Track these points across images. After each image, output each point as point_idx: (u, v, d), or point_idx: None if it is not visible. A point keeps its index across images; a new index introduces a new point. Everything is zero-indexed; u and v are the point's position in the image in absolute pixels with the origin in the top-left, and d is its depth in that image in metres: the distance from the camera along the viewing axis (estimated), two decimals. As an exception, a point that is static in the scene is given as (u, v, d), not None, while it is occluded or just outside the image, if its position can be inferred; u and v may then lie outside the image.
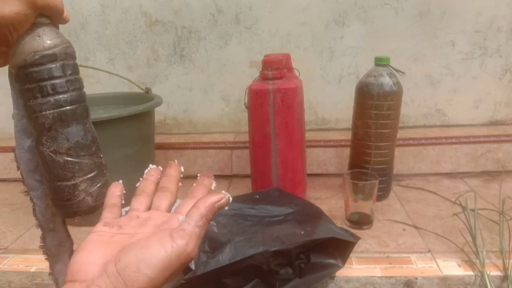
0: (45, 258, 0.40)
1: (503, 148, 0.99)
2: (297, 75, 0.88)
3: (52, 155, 0.36)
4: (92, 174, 0.37)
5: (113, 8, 1.06)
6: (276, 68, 0.77)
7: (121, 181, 0.40)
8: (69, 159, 0.36)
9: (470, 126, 1.10)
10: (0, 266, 0.71)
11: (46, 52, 0.34)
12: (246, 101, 0.79)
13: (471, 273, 0.63)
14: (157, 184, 0.40)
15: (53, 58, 0.35)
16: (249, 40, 1.06)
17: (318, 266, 0.61)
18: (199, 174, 0.40)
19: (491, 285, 0.61)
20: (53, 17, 0.36)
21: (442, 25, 1.02)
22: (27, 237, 0.81)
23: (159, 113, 1.12)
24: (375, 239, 0.74)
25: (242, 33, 1.06)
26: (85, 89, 0.39)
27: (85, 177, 0.37)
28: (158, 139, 1.02)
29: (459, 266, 0.65)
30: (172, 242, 0.31)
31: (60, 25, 0.38)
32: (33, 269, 0.69)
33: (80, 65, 0.40)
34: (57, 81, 0.35)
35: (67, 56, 0.36)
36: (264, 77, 0.78)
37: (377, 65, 0.82)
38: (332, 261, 0.63)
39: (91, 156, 0.37)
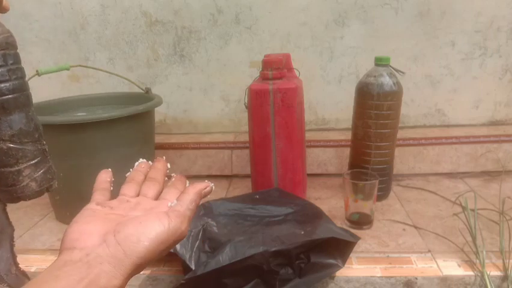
0: None
1: (503, 148, 0.99)
2: (297, 75, 0.88)
3: None
4: (35, 160, 0.39)
5: (113, 8, 1.06)
6: (276, 68, 0.77)
7: (110, 169, 0.41)
8: (12, 145, 0.37)
9: (470, 126, 1.10)
10: (0, 266, 0.71)
11: None
12: (246, 101, 0.79)
13: (471, 273, 0.63)
14: (146, 175, 0.42)
15: None
16: (249, 40, 1.06)
17: (318, 266, 0.61)
18: (173, 174, 0.42)
19: (491, 285, 0.61)
20: None
21: (442, 25, 1.02)
22: (27, 237, 0.81)
23: (159, 113, 1.12)
24: (375, 239, 0.74)
25: (242, 33, 1.06)
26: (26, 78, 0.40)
27: (28, 163, 0.38)
28: (158, 139, 1.02)
29: (459, 266, 0.65)
30: (169, 219, 0.33)
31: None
32: (33, 269, 0.69)
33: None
34: None
35: (8, 46, 0.37)
36: (264, 77, 0.78)
37: (377, 65, 0.82)
38: (332, 261, 0.63)
39: (34, 143, 0.39)
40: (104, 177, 0.40)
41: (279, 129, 0.77)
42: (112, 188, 0.40)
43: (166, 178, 0.42)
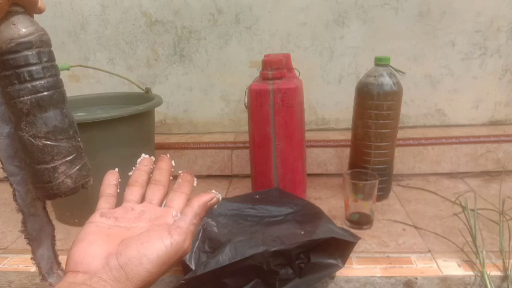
0: (27, 243, 0.41)
1: (503, 148, 0.99)
2: (297, 75, 0.88)
3: (31, 139, 0.37)
4: (70, 157, 0.39)
5: (113, 8, 1.06)
6: (276, 68, 0.77)
7: (116, 169, 0.41)
8: (48, 142, 0.37)
9: (470, 126, 1.10)
10: (0, 266, 0.71)
11: (22, 40, 0.35)
12: (246, 101, 0.79)
13: (471, 273, 0.63)
14: (149, 174, 0.42)
15: (28, 45, 0.36)
16: (249, 40, 1.06)
17: (318, 266, 0.61)
18: (180, 171, 0.41)
19: (491, 285, 0.61)
20: (27, 7, 0.36)
21: (442, 25, 1.02)
22: (27, 237, 0.81)
23: (159, 113, 1.12)
24: (375, 239, 0.74)
25: (242, 33, 1.06)
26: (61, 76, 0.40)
27: (63, 160, 0.38)
28: (158, 139, 1.02)
29: (459, 266, 0.65)
30: (171, 238, 0.33)
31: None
32: (33, 269, 0.69)
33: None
34: (34, 67, 0.36)
35: (42, 44, 0.37)
36: (264, 77, 0.78)
37: (377, 65, 0.82)
38: (332, 261, 0.63)
39: (69, 140, 0.39)
40: (111, 180, 0.40)
41: (279, 129, 0.77)
42: (118, 190, 0.40)
43: (172, 178, 0.42)
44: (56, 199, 0.39)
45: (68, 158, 0.38)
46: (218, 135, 1.12)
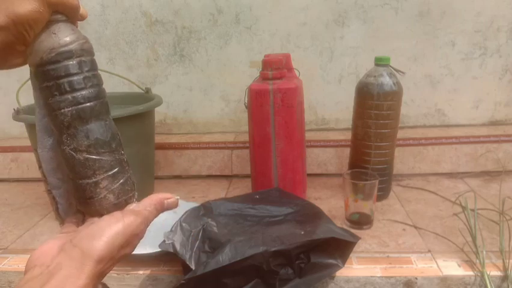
0: None
1: (503, 148, 0.99)
2: (297, 75, 0.88)
3: (72, 152, 0.36)
4: (113, 171, 0.37)
5: (113, 8, 1.06)
6: (276, 68, 0.77)
7: None
8: (89, 156, 0.36)
9: (470, 126, 1.10)
10: (0, 266, 0.71)
11: (62, 49, 0.34)
12: (246, 101, 0.79)
13: (471, 273, 0.63)
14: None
15: (69, 55, 0.35)
16: (249, 40, 1.06)
17: (318, 266, 0.61)
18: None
19: (491, 285, 0.61)
20: (69, 14, 0.36)
21: (442, 25, 1.02)
22: (27, 237, 0.81)
23: (159, 113, 1.12)
24: (375, 239, 0.74)
25: (242, 33, 1.06)
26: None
27: (105, 175, 0.37)
28: (158, 139, 1.02)
29: (459, 266, 0.65)
30: (123, 215, 0.35)
31: None
32: (33, 269, 0.69)
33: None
34: (75, 78, 0.35)
35: (83, 53, 0.36)
36: (264, 77, 0.78)
37: (377, 65, 0.82)
38: (332, 261, 0.63)
39: (111, 153, 0.37)
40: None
41: (279, 129, 0.77)
42: None
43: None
44: (105, 214, 0.37)
45: (111, 173, 0.37)
46: (218, 135, 1.12)
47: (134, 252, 0.38)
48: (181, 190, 1.00)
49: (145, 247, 0.67)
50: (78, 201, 0.38)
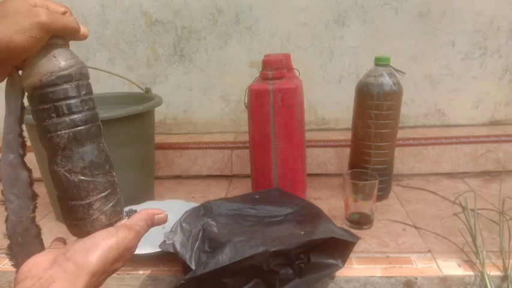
0: (12, 265, 0.38)
1: (503, 148, 0.99)
2: (297, 75, 0.88)
3: (67, 174, 0.36)
4: (105, 192, 0.38)
5: (113, 8, 1.06)
6: (276, 68, 0.77)
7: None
8: (84, 178, 0.36)
9: (470, 126, 1.09)
10: (0, 266, 0.71)
11: (62, 73, 0.35)
12: (246, 101, 0.79)
13: (471, 273, 0.63)
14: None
15: (68, 79, 0.35)
16: (249, 40, 1.06)
17: (318, 266, 0.61)
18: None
19: (491, 285, 0.61)
20: (69, 37, 0.36)
21: (442, 25, 1.02)
22: (27, 237, 0.80)
23: (159, 113, 1.12)
24: (375, 239, 0.74)
25: (242, 33, 1.06)
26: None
27: (99, 196, 0.37)
28: (158, 139, 1.02)
29: (459, 266, 0.65)
30: (116, 229, 0.36)
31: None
32: (33, 269, 0.69)
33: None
34: (73, 101, 0.35)
35: (81, 76, 0.36)
36: (264, 77, 0.78)
37: (377, 65, 0.82)
38: (332, 261, 0.63)
39: (104, 175, 0.38)
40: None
41: (279, 129, 0.77)
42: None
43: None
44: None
45: (103, 194, 0.38)
46: (218, 135, 1.12)
47: (134, 252, 0.38)
48: (181, 190, 1.01)
49: (145, 247, 0.68)
50: (68, 223, 0.38)
